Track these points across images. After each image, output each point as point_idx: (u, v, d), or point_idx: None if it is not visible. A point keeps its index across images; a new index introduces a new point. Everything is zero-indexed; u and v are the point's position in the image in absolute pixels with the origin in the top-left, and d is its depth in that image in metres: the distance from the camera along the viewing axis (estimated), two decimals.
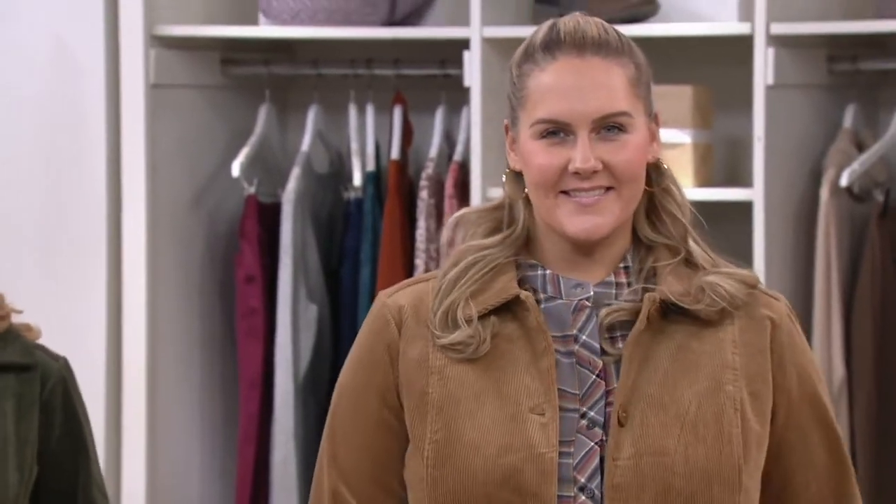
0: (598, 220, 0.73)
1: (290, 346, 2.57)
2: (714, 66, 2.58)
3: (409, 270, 2.56)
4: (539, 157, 0.73)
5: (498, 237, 0.79)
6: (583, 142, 0.71)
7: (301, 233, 2.60)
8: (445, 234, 0.87)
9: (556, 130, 0.73)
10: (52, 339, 1.37)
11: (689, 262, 0.77)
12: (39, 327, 1.31)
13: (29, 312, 1.37)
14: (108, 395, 2.61)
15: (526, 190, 0.77)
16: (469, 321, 0.74)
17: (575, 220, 0.72)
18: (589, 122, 0.72)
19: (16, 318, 1.28)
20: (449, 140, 2.66)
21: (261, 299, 2.61)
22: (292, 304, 2.58)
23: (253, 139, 2.65)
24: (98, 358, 2.60)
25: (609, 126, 0.73)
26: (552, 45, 0.74)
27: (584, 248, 0.76)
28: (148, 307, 2.60)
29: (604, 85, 0.73)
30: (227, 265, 2.70)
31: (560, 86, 0.73)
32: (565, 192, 0.73)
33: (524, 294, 0.75)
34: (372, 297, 2.58)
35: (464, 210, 0.87)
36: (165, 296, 2.64)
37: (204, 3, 2.72)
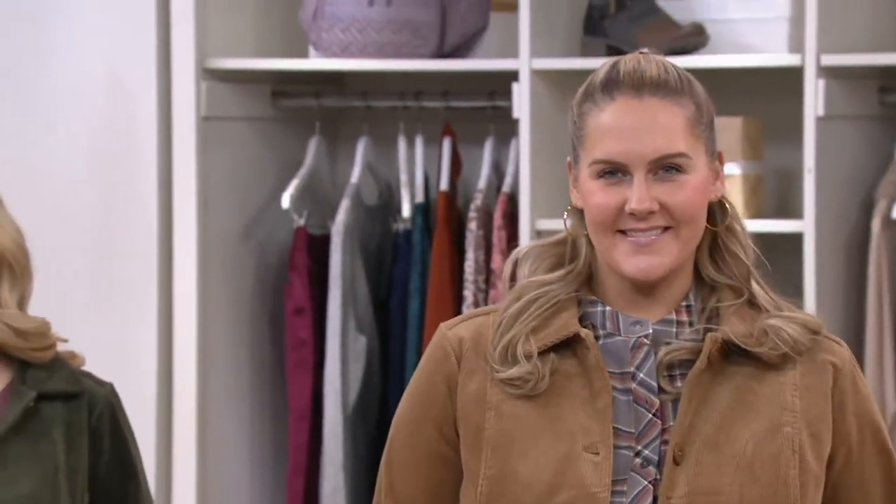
0: (654, 261, 0.72)
1: (338, 377, 2.57)
2: (764, 97, 2.56)
3: (457, 302, 2.55)
4: (597, 196, 0.73)
5: (560, 273, 0.79)
6: (639, 182, 0.71)
7: (350, 264, 2.60)
8: (507, 268, 0.85)
9: (613, 171, 0.73)
10: (103, 369, 1.39)
11: (752, 304, 0.76)
12: (83, 355, 1.32)
13: (81, 342, 1.37)
14: (159, 425, 2.62)
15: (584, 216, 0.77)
16: (529, 357, 0.73)
17: (631, 260, 0.72)
18: (645, 164, 0.71)
19: (61, 346, 1.29)
20: (497, 171, 2.64)
21: (310, 331, 2.61)
22: (341, 336, 2.57)
23: (303, 171, 2.65)
24: (149, 387, 2.62)
25: (666, 167, 0.72)
26: (611, 85, 0.74)
27: (644, 287, 0.75)
28: (199, 337, 2.61)
29: (661, 126, 0.72)
30: (277, 297, 2.70)
31: (617, 126, 0.73)
32: (622, 232, 0.73)
33: (584, 332, 0.74)
34: (420, 328, 2.58)
35: (526, 245, 0.88)
36: (216, 326, 2.65)
37: (255, 36, 2.74)
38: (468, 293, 2.56)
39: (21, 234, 1.28)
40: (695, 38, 2.47)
